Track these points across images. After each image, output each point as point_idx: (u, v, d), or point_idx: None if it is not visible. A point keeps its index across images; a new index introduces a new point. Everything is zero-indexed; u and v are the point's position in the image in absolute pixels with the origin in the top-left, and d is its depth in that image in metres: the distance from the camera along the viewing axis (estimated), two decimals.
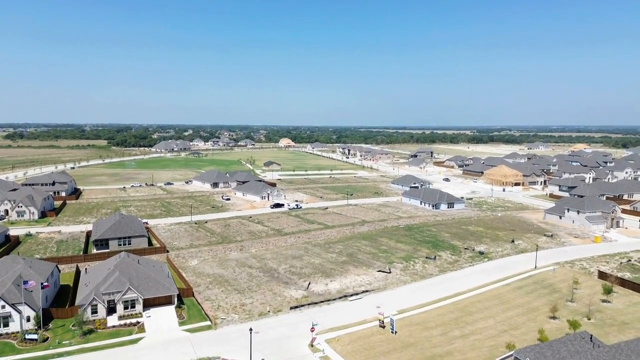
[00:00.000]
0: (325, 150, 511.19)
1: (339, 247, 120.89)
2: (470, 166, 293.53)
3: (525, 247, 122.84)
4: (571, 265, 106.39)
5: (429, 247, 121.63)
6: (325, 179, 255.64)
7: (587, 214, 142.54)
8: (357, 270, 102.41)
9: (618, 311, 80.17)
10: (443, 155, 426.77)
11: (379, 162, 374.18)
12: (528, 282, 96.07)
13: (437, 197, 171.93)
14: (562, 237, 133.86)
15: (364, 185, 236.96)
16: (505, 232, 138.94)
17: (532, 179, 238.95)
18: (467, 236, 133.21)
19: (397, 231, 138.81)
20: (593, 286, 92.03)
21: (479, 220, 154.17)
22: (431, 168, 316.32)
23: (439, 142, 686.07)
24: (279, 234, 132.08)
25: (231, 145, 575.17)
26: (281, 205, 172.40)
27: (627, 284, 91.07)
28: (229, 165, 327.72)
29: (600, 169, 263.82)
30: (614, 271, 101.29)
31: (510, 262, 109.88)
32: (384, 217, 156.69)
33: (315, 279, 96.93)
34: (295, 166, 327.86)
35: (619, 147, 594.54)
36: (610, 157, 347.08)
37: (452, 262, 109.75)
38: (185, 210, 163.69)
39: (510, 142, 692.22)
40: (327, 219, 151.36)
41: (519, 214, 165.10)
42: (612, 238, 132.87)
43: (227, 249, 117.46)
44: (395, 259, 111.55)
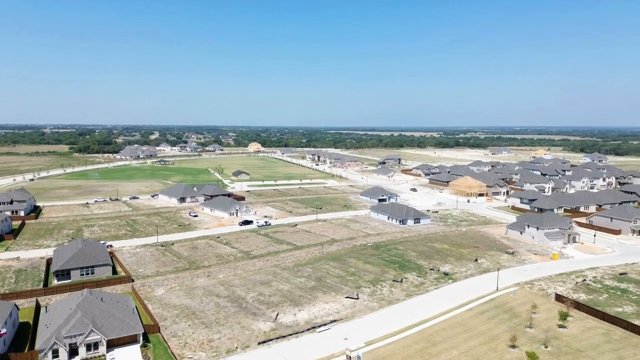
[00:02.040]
0: (295, 156, 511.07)
1: (307, 270, 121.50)
2: (437, 175, 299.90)
3: (488, 266, 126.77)
4: (530, 286, 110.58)
5: (395, 268, 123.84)
6: (294, 191, 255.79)
7: (546, 230, 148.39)
8: (326, 297, 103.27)
9: (573, 337, 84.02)
10: (410, 162, 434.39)
11: (349, 169, 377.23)
12: (490, 306, 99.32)
13: (404, 212, 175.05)
14: (522, 254, 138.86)
15: (334, 197, 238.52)
16: (469, 249, 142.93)
17: (495, 189, 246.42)
18: (433, 255, 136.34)
19: (365, 250, 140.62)
20: (551, 309, 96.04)
21: (444, 237, 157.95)
22: (399, 177, 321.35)
23: (406, 147, 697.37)
24: (248, 256, 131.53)
25: (199, 150, 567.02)
26: (250, 222, 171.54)
27: (582, 307, 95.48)
28: (196, 175, 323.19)
29: (558, 179, 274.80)
30: (570, 292, 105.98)
31: (474, 284, 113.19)
32: (352, 234, 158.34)
33: (283, 308, 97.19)
34: (265, 175, 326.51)
35: (577, 152, 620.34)
36: (569, 165, 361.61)
37: (418, 285, 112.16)
38: (151, 230, 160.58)
39: (475, 147, 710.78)
40: (296, 238, 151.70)
41: (482, 229, 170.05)
42: (569, 254, 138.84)
43: (195, 276, 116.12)
44: (363, 282, 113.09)
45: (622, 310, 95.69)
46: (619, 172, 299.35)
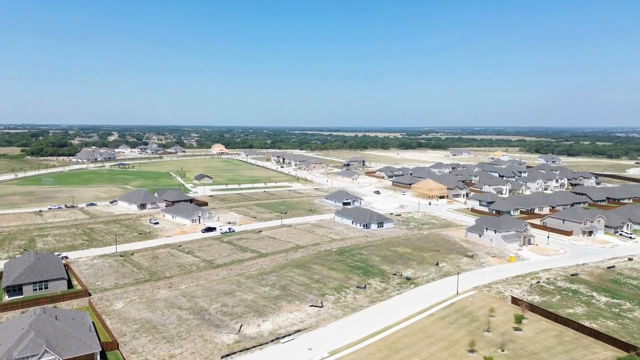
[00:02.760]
0: (259, 158, 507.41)
1: (272, 279, 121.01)
2: (400, 178, 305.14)
3: (449, 270, 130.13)
4: (489, 290, 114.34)
5: (359, 274, 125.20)
6: (259, 195, 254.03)
7: (503, 233, 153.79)
8: (290, 306, 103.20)
9: (528, 340, 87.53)
10: (374, 164, 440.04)
11: (314, 171, 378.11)
12: (450, 310, 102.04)
13: (367, 216, 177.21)
14: (481, 257, 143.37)
15: (299, 200, 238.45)
16: (431, 253, 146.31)
17: (455, 191, 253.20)
18: (396, 259, 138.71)
19: (330, 256, 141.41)
20: (507, 312, 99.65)
21: (406, 240, 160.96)
22: (363, 179, 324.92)
23: (370, 148, 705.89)
24: (211, 266, 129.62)
25: (160, 152, 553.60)
26: (213, 229, 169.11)
27: (536, 309, 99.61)
28: (157, 179, 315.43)
29: (515, 180, 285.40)
30: (525, 295, 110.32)
31: (435, 288, 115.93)
32: (317, 240, 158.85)
33: (247, 319, 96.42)
34: (229, 179, 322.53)
35: (533, 153, 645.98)
36: (525, 166, 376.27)
37: (382, 291, 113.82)
38: (109, 239, 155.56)
39: (436, 148, 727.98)
40: (260, 245, 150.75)
41: (443, 232, 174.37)
42: (525, 256, 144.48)
43: (155, 287, 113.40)
44: (328, 289, 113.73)
45: (573, 312, 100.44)
46: (571, 174, 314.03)
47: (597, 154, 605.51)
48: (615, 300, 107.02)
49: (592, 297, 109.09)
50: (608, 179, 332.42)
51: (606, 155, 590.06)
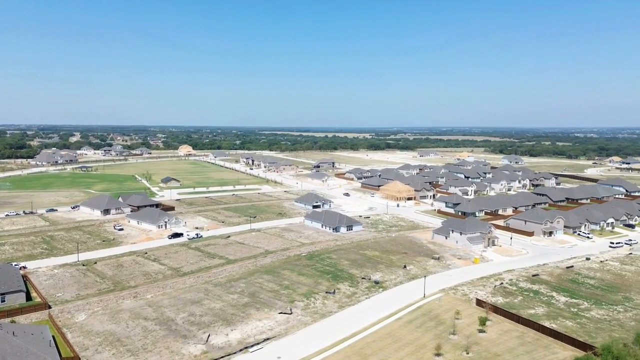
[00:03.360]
0: (228, 159, 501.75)
1: (240, 286, 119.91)
2: (369, 179, 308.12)
3: (416, 272, 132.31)
4: (454, 292, 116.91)
5: (329, 278, 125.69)
6: (228, 198, 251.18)
7: (468, 235, 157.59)
8: (259, 314, 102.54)
9: (492, 341, 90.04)
10: (344, 165, 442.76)
11: (283, 173, 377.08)
12: (417, 314, 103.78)
13: (337, 220, 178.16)
14: (447, 259, 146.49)
15: (268, 204, 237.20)
16: (399, 255, 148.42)
17: (422, 193, 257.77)
18: (365, 263, 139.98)
19: (299, 261, 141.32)
20: (472, 314, 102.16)
21: (375, 243, 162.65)
22: (332, 181, 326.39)
23: (340, 149, 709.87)
24: (178, 274, 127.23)
25: (125, 154, 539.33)
26: (180, 235, 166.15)
27: (499, 311, 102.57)
28: (122, 183, 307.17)
29: (480, 181, 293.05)
30: (489, 296, 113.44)
31: (403, 291, 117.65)
32: (287, 244, 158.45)
33: (215, 328, 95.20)
34: (197, 181, 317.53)
35: (497, 153, 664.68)
36: (489, 167, 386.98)
37: (350, 295, 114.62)
38: (71, 247, 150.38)
39: (404, 149, 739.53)
40: (229, 251, 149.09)
41: (411, 234, 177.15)
42: (489, 258, 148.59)
43: (120, 298, 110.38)
44: (297, 296, 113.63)
45: (534, 312, 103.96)
46: (532, 174, 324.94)
47: (557, 154, 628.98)
48: (574, 300, 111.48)
49: (552, 297, 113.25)
50: (567, 179, 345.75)
51: (566, 155, 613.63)
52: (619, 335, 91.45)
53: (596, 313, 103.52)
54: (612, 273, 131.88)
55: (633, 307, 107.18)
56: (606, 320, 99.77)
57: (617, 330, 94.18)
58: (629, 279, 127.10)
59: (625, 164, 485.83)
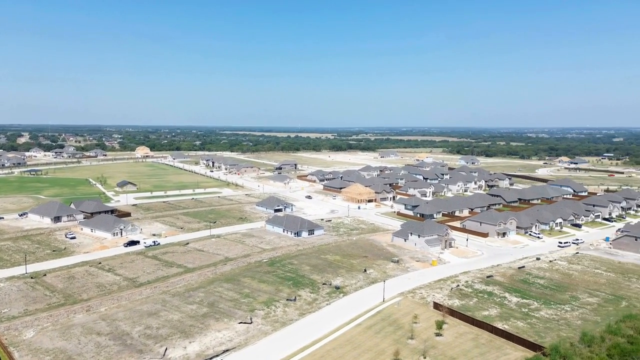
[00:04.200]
0: (187, 161, 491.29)
1: (199, 295, 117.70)
2: (330, 182, 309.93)
3: (376, 276, 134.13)
4: (413, 295, 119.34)
5: (290, 285, 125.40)
6: (187, 202, 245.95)
7: (426, 237, 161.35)
8: (218, 325, 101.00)
9: (448, 345, 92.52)
10: (306, 167, 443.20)
11: (245, 175, 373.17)
12: (377, 319, 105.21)
13: (298, 224, 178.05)
14: (406, 261, 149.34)
15: (229, 208, 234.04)
16: (359, 259, 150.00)
17: (383, 195, 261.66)
18: (326, 268, 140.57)
19: (260, 267, 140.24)
20: (429, 318, 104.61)
21: (336, 247, 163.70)
22: (295, 183, 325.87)
23: (302, 150, 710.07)
24: (133, 284, 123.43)
25: (78, 156, 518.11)
26: (137, 243, 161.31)
27: (455, 313, 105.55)
28: (75, 187, 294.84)
29: (438, 183, 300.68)
30: (446, 299, 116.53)
31: (363, 296, 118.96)
32: (247, 251, 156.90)
33: (173, 341, 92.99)
34: (154, 185, 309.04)
35: (454, 154, 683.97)
36: (447, 168, 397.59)
37: (311, 302, 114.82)
38: (18, 258, 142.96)
39: (366, 149, 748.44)
40: (187, 259, 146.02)
41: (371, 237, 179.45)
42: (446, 260, 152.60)
43: (71, 312, 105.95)
44: (257, 304, 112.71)
45: (488, 314, 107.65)
46: (488, 175, 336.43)
47: (511, 155, 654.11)
48: (525, 300, 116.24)
49: (505, 298, 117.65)
50: (520, 180, 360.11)
51: (519, 155, 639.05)
52: (566, 334, 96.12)
53: (545, 313, 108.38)
54: (560, 272, 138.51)
55: (579, 306, 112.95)
56: (554, 319, 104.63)
57: (565, 330, 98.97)
58: (575, 278, 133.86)
59: (573, 164, 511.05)
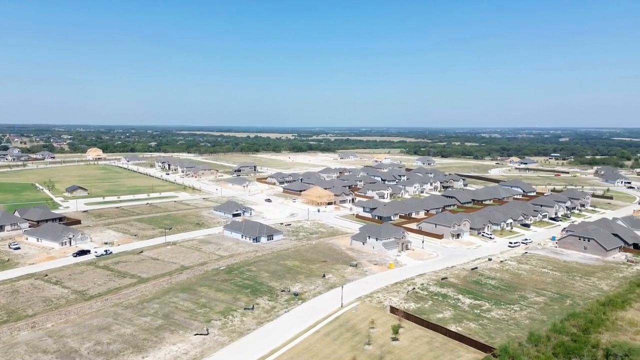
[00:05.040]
0: (142, 163, 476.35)
1: (154, 307, 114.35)
2: (290, 184, 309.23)
3: (335, 281, 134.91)
4: (370, 300, 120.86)
5: (248, 293, 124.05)
6: (141, 208, 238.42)
7: (384, 240, 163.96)
8: (173, 337, 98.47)
9: (404, 349, 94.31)
10: (266, 169, 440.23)
11: (202, 178, 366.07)
12: (335, 325, 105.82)
13: (257, 230, 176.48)
14: (364, 265, 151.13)
15: (185, 213, 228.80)
16: (319, 264, 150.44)
17: (342, 197, 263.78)
18: (285, 274, 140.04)
19: (217, 275, 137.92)
20: (386, 323, 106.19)
21: (296, 252, 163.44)
22: (254, 186, 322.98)
23: (262, 151, 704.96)
24: (83, 297, 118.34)
25: (23, 159, 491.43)
26: (87, 252, 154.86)
27: (411, 317, 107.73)
28: (19, 193, 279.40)
29: (395, 184, 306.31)
30: (402, 302, 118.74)
31: (322, 302, 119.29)
32: (204, 258, 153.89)
33: (125, 357, 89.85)
34: (107, 190, 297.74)
35: (411, 154, 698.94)
36: (404, 169, 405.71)
37: (269, 310, 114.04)
38: None
39: (326, 150, 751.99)
40: (141, 269, 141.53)
41: (330, 241, 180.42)
42: (403, 262, 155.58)
43: (15, 329, 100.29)
44: (214, 314, 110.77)
45: (442, 316, 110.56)
46: (443, 176, 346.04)
47: (465, 155, 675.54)
48: (477, 301, 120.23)
49: (459, 300, 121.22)
50: (473, 180, 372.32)
51: (473, 156, 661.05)
52: (515, 334, 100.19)
53: (496, 313, 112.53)
54: (510, 272, 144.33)
55: (527, 305, 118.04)
56: (504, 320, 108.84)
57: (514, 330, 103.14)
58: (524, 277, 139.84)
59: (523, 164, 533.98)
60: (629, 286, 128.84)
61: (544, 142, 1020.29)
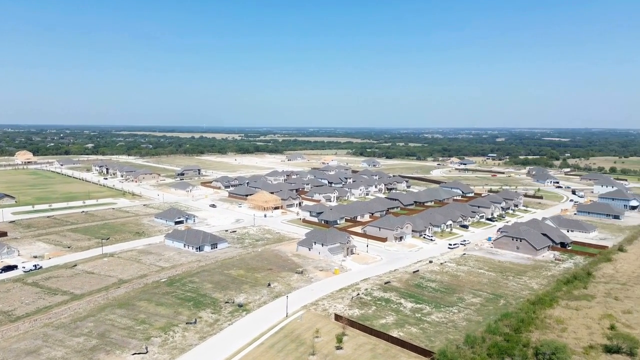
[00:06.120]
0: (78, 167, 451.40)
1: (88, 326, 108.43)
2: (236, 188, 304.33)
3: (280, 290, 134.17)
4: (315, 308, 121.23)
5: (190, 307, 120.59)
6: (76, 217, 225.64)
7: (329, 246, 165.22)
8: (109, 358, 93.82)
9: (347, 358, 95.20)
10: (211, 172, 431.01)
11: (143, 183, 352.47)
12: (280, 336, 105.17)
13: (200, 238, 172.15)
14: (310, 271, 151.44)
15: (124, 221, 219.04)
16: (264, 272, 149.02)
17: (289, 202, 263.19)
18: (229, 284, 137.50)
19: (158, 288, 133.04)
20: (330, 331, 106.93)
21: (240, 261, 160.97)
22: (198, 191, 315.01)
23: (207, 153, 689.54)
24: (8, 319, 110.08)
25: None
26: (14, 268, 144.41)
27: (355, 324, 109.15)
28: None
29: (341, 187, 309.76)
30: (347, 309, 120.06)
31: (267, 312, 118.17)
32: (144, 270, 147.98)
33: None
34: (37, 197, 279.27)
35: (358, 155, 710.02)
36: (350, 172, 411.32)
37: (213, 324, 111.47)
38: None
39: (274, 152, 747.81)
40: (75, 284, 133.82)
41: (276, 247, 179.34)
42: (348, 267, 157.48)
43: None
44: (154, 330, 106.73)
45: (385, 322, 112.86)
46: (387, 178, 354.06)
47: (409, 156, 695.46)
48: (418, 305, 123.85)
49: (401, 304, 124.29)
50: (416, 182, 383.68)
51: (416, 156, 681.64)
52: (453, 337, 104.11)
53: (436, 317, 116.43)
54: (450, 274, 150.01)
55: (465, 307, 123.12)
56: (444, 323, 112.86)
57: (452, 332, 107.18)
58: (462, 279, 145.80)
59: (462, 164, 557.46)
60: (556, 284, 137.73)
61: (482, 142, 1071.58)
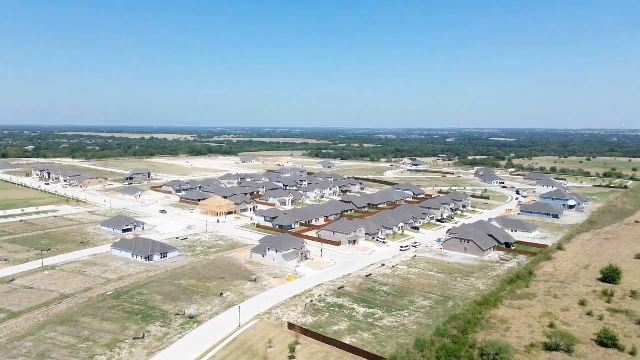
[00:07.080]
0: (16, 172, 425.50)
1: (26, 345, 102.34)
2: (188, 193, 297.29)
3: (233, 299, 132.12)
4: (269, 317, 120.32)
5: (138, 320, 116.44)
6: (14, 226, 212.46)
7: (283, 252, 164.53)
8: None
9: None
10: (162, 175, 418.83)
11: (89, 188, 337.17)
12: (232, 348, 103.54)
13: (149, 247, 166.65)
14: (264, 279, 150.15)
15: (68, 230, 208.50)
16: (216, 282, 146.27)
17: (243, 206, 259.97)
18: (180, 295, 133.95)
19: (103, 302, 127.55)
20: (284, 341, 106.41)
21: (192, 270, 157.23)
22: (148, 196, 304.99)
23: (158, 155, 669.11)
24: None
25: None
26: None
27: (308, 332, 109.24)
28: None
29: (297, 190, 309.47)
30: (300, 317, 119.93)
31: (219, 324, 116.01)
32: (89, 283, 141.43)
33: None
34: None
35: (313, 157, 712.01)
36: (306, 174, 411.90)
37: (162, 338, 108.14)
38: None
39: (227, 154, 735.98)
40: (11, 301, 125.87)
41: (230, 255, 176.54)
42: (302, 273, 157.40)
43: None
44: (99, 348, 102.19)
45: (338, 328, 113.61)
46: (342, 181, 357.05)
47: (363, 157, 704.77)
48: (371, 310, 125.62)
49: (354, 309, 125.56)
50: (370, 184, 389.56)
51: (370, 158, 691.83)
52: (404, 341, 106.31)
53: (387, 321, 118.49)
54: (401, 277, 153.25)
55: (415, 310, 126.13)
56: (395, 327, 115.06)
57: (403, 336, 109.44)
58: (413, 282, 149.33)
59: (414, 165, 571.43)
60: (500, 284, 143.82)
61: (434, 142, 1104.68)
